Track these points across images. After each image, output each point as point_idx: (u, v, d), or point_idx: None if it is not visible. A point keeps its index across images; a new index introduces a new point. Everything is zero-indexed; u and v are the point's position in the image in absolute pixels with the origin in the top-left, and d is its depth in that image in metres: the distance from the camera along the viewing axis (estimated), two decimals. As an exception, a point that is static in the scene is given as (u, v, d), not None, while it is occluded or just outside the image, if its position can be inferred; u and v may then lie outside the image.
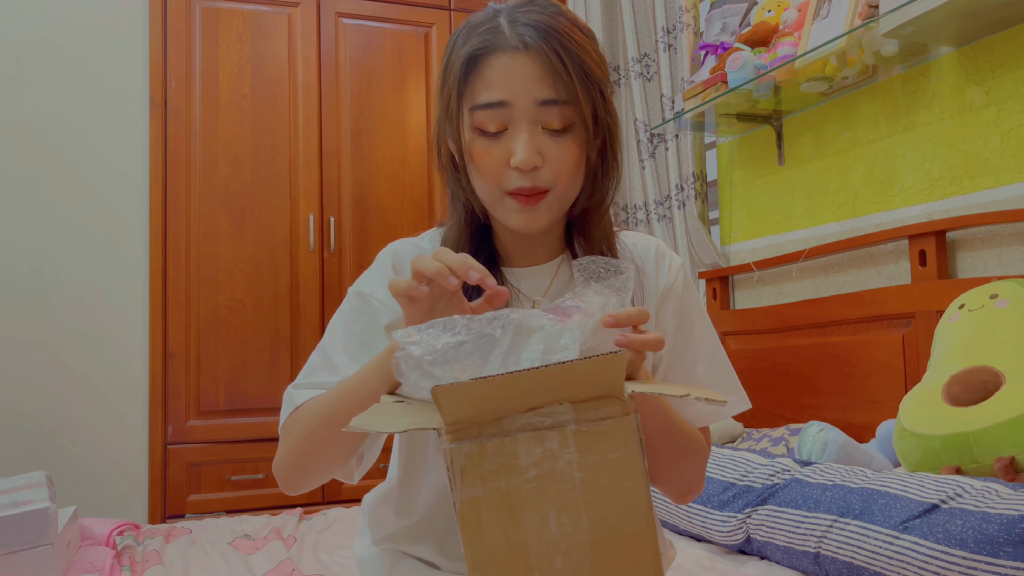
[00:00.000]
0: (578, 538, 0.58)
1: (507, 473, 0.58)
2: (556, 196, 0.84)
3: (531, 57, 0.80)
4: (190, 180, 2.80)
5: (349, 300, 0.91)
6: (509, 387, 0.58)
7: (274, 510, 2.56)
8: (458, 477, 0.58)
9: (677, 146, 2.67)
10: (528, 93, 0.80)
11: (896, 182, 1.98)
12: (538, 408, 0.59)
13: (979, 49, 1.77)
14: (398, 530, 0.92)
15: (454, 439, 0.59)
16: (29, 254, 2.69)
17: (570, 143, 0.83)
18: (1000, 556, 1.04)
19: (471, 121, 0.83)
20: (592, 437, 0.59)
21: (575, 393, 0.59)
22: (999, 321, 1.46)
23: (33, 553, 1.39)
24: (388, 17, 3.06)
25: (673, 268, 0.95)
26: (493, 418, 0.59)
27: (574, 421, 0.59)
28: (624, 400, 0.60)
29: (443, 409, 0.58)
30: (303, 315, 2.88)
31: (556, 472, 0.58)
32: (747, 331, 2.37)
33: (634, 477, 0.59)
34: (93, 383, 2.73)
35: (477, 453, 0.58)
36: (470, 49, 0.82)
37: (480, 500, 0.58)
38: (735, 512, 1.46)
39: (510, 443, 0.59)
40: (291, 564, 1.57)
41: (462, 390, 0.57)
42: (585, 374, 0.58)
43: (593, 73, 0.82)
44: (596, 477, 0.59)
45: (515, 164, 0.81)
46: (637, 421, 0.60)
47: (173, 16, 2.81)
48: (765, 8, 2.18)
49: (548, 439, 0.59)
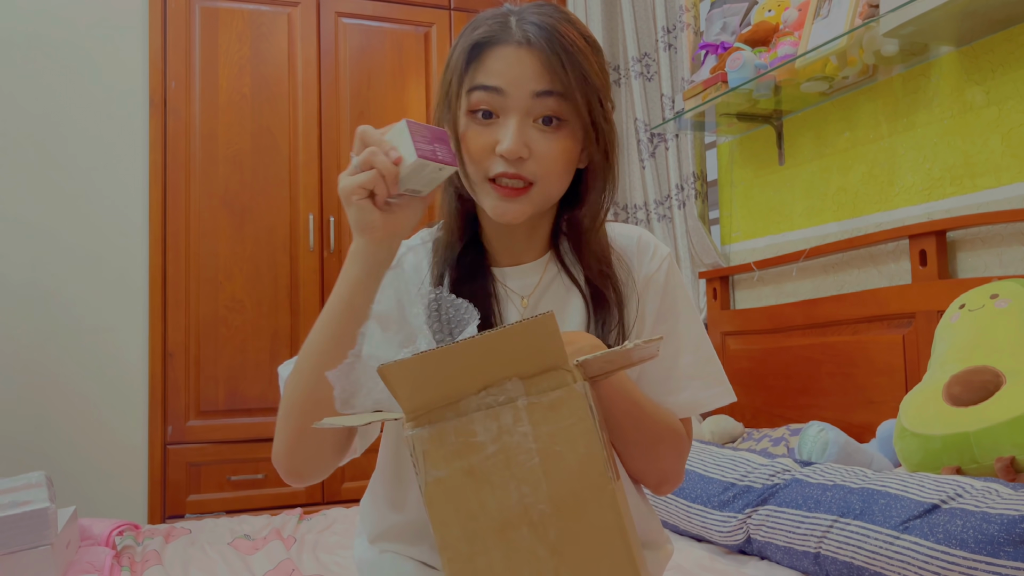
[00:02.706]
0: (541, 507, 0.61)
1: (467, 452, 0.61)
2: (539, 191, 0.85)
3: (533, 53, 0.82)
4: (190, 180, 2.80)
5: None
6: (451, 361, 0.60)
7: (274, 510, 2.56)
8: (421, 461, 0.61)
9: (677, 146, 2.67)
10: (525, 84, 0.82)
11: (896, 182, 1.98)
12: (490, 387, 0.61)
13: (979, 49, 1.77)
14: (393, 525, 0.91)
15: (415, 425, 0.61)
16: (28, 253, 2.69)
17: (561, 140, 0.84)
18: (1000, 556, 1.03)
19: (467, 103, 0.85)
20: (543, 409, 0.61)
21: (523, 368, 0.61)
22: (999, 321, 1.46)
23: (33, 553, 1.39)
24: (388, 17, 3.06)
25: (656, 258, 0.95)
26: (449, 402, 0.62)
27: (524, 395, 0.61)
28: (570, 370, 0.62)
29: (395, 391, 0.61)
30: (303, 315, 2.88)
31: (513, 446, 0.61)
32: (747, 331, 2.37)
33: (588, 441, 0.61)
34: (93, 383, 2.73)
35: (437, 435, 0.61)
36: (476, 37, 0.84)
37: (444, 480, 0.61)
38: (735, 512, 1.46)
39: (467, 423, 0.61)
40: (291, 564, 1.57)
41: (406, 367, 0.59)
42: (521, 340, 0.60)
43: (591, 78, 0.84)
44: (552, 446, 0.61)
45: (500, 151, 0.82)
46: (585, 388, 0.62)
47: (173, 15, 2.80)
48: (765, 8, 2.18)
49: (502, 415, 0.61)
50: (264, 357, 2.83)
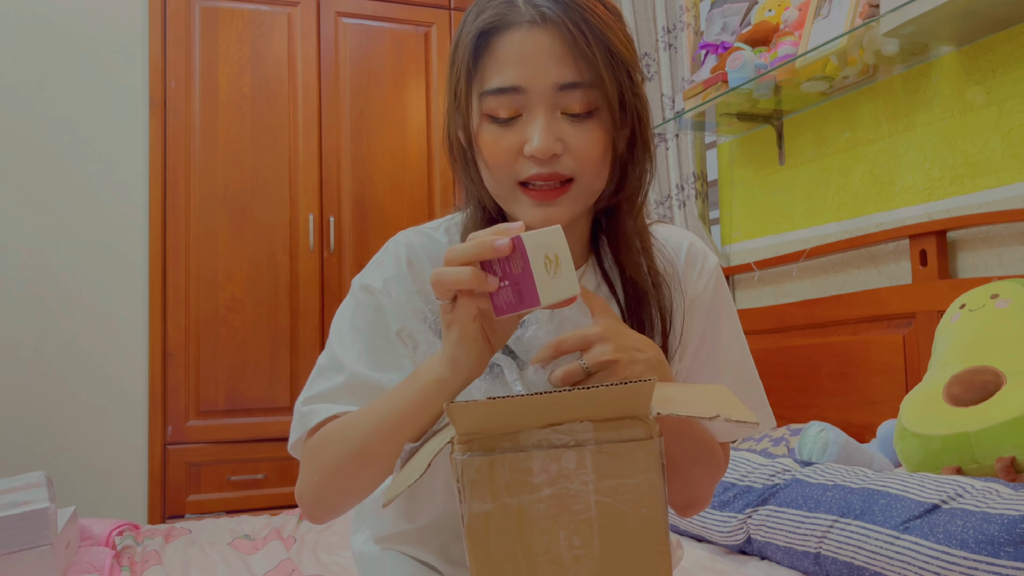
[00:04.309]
0: (590, 563, 0.56)
1: (519, 490, 0.56)
2: (580, 188, 0.75)
3: (549, 32, 0.71)
4: (189, 179, 2.80)
5: (355, 294, 0.85)
6: (527, 407, 0.56)
7: (274, 510, 2.55)
8: (468, 490, 0.56)
9: (677, 146, 2.67)
10: (546, 76, 0.72)
11: (897, 182, 1.98)
12: (556, 425, 0.56)
13: (980, 49, 1.77)
14: (400, 531, 0.89)
15: (465, 450, 0.57)
16: (28, 253, 2.69)
17: (594, 128, 0.74)
18: (1001, 556, 1.03)
19: (480, 107, 0.75)
20: (611, 459, 0.56)
21: (597, 412, 0.56)
22: (1000, 321, 1.46)
23: (33, 553, 1.38)
24: (388, 16, 3.06)
25: (706, 272, 0.87)
26: (508, 432, 0.56)
27: (593, 441, 0.56)
28: (648, 422, 0.57)
29: (456, 423, 0.57)
30: (303, 315, 2.88)
31: (571, 493, 0.56)
32: (747, 331, 2.35)
33: (653, 504, 0.56)
34: (93, 383, 2.73)
35: (488, 467, 0.56)
36: (481, 25, 0.73)
37: (489, 516, 0.56)
38: (735, 512, 1.46)
39: (524, 459, 0.56)
40: (291, 564, 1.57)
41: (477, 408, 0.55)
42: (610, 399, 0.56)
43: (619, 52, 0.73)
44: (612, 501, 0.56)
45: (530, 152, 0.72)
46: (661, 446, 0.57)
47: (173, 15, 2.80)
48: (766, 7, 2.18)
49: (564, 458, 0.56)
50: (264, 357, 2.83)
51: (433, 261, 0.84)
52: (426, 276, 0.83)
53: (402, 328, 0.81)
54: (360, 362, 0.80)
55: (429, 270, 0.83)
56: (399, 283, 0.83)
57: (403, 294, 0.82)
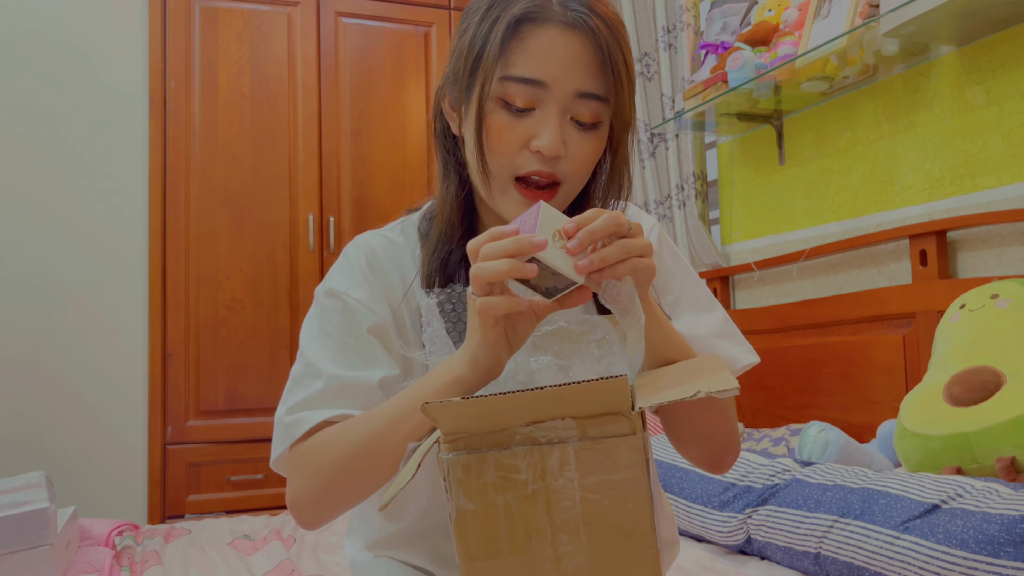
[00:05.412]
0: (577, 559, 0.57)
1: (506, 488, 0.57)
2: (566, 192, 0.80)
3: (582, 39, 0.74)
4: (189, 180, 2.80)
5: (319, 302, 0.85)
6: (506, 406, 0.56)
7: (274, 510, 2.56)
8: (454, 488, 0.57)
9: (677, 145, 2.67)
10: (570, 80, 0.75)
11: (897, 182, 1.98)
12: (539, 422, 0.57)
13: (980, 48, 1.77)
14: (389, 534, 0.89)
15: (451, 449, 0.57)
16: (28, 254, 2.69)
17: (595, 140, 0.78)
18: (1001, 556, 1.03)
19: (498, 90, 0.76)
20: (595, 456, 0.57)
21: (578, 408, 0.57)
22: (1000, 321, 1.46)
23: (32, 553, 1.39)
24: (388, 16, 3.06)
25: (653, 233, 0.91)
26: (491, 430, 0.57)
27: (577, 438, 0.57)
28: (631, 417, 0.57)
29: (438, 424, 0.57)
30: (302, 315, 2.87)
31: (556, 490, 0.57)
32: (747, 331, 2.35)
33: (638, 498, 0.57)
34: (92, 383, 2.73)
35: (475, 465, 0.57)
36: (518, 12, 0.74)
37: (476, 513, 0.57)
38: (735, 512, 1.46)
39: (509, 457, 0.57)
40: (291, 564, 1.57)
41: (455, 408, 0.56)
42: (590, 395, 0.56)
43: (631, 71, 0.77)
44: (598, 497, 0.57)
45: (538, 147, 0.75)
46: (644, 440, 0.57)
47: (172, 15, 2.80)
48: (765, 7, 2.18)
49: (549, 455, 0.57)
50: (264, 357, 2.83)
51: (393, 261, 0.86)
52: (387, 275, 0.85)
53: (372, 325, 0.82)
54: (336, 365, 0.80)
55: (390, 269, 0.85)
56: (362, 283, 0.84)
57: (366, 293, 0.83)
